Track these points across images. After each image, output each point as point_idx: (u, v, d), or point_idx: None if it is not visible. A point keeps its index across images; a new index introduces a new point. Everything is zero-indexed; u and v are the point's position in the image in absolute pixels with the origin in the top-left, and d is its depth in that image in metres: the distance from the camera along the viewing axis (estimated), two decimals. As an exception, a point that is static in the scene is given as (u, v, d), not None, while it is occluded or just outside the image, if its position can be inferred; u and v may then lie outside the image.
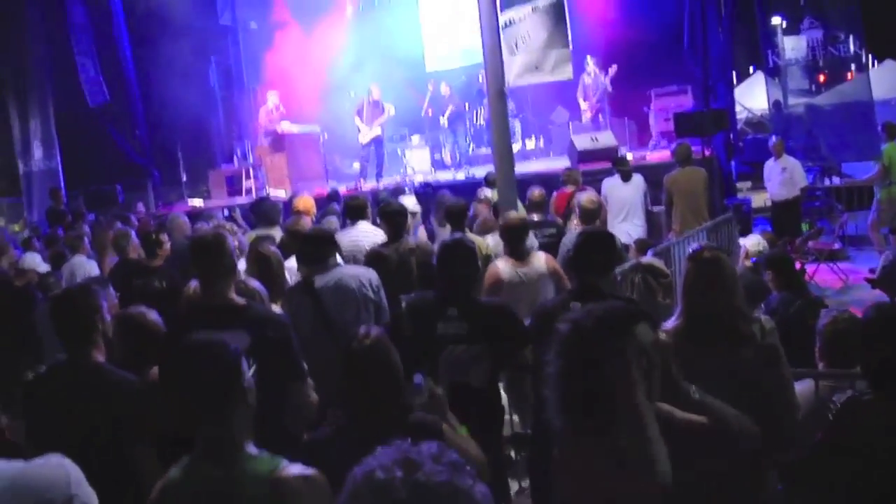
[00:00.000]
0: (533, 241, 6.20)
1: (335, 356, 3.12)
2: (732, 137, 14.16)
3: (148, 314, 3.82)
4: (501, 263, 5.55)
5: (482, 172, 11.54)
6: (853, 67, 15.53)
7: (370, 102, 15.12)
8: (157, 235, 6.56)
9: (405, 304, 4.46)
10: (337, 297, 4.62)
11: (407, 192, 11.53)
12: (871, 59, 20.65)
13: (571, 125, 15.90)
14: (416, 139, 17.48)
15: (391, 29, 17.69)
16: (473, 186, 11.02)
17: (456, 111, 16.33)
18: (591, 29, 16.20)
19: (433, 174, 15.72)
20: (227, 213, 12.84)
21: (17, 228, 16.28)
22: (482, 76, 13.08)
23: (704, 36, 13.39)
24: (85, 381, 3.37)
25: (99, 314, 3.50)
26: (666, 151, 12.97)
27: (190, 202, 15.93)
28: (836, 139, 13.97)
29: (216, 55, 18.64)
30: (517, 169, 8.78)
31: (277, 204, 8.60)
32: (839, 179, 14.08)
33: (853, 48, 14.72)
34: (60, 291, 4.33)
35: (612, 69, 15.04)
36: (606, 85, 15.20)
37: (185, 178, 16.91)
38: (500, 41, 7.24)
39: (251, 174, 16.28)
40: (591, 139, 13.64)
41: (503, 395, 4.73)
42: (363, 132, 15.17)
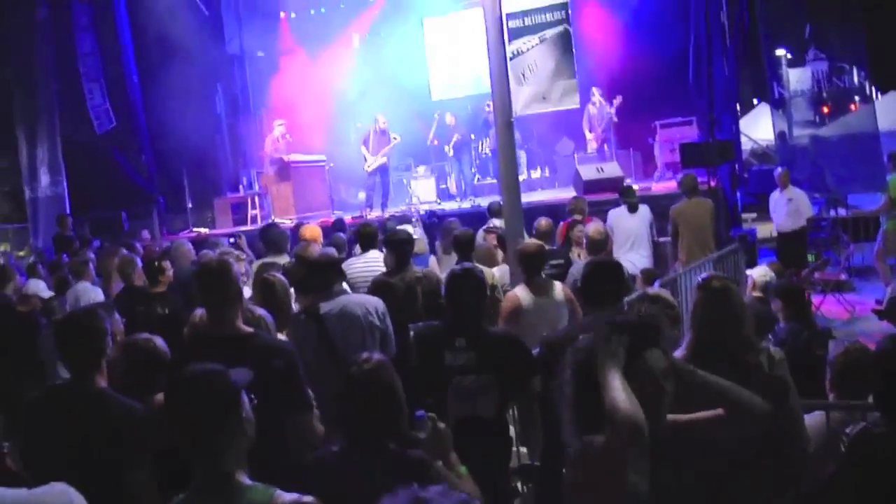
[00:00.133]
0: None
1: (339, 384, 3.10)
2: (738, 168, 14.14)
3: (154, 341, 3.79)
4: (521, 291, 5.56)
5: (487, 202, 11.54)
6: (857, 99, 15.60)
7: (377, 131, 15.13)
8: (159, 262, 6.61)
9: (413, 333, 4.41)
10: (342, 324, 4.60)
11: (414, 221, 11.51)
12: (875, 90, 20.74)
13: (577, 156, 15.90)
14: (421, 169, 17.48)
15: (397, 58, 17.73)
16: (479, 216, 10.99)
17: (461, 141, 16.34)
18: (596, 60, 16.33)
19: (439, 204, 15.68)
20: (232, 239, 12.84)
21: (22, 254, 16.29)
22: (488, 106, 13.12)
23: (710, 68, 13.40)
24: (87, 405, 3.34)
25: (104, 338, 3.48)
26: (671, 182, 12.95)
27: (195, 230, 15.92)
28: (841, 170, 13.98)
29: (223, 83, 18.74)
30: (522, 199, 8.76)
31: (286, 231, 8.45)
32: (845, 210, 14.07)
33: (858, 80, 14.80)
34: (66, 315, 4.31)
35: (617, 100, 15.06)
36: (612, 115, 15.20)
37: (190, 205, 16.87)
38: (507, 71, 7.23)
39: (257, 203, 16.26)
40: (596, 170, 13.59)
41: (511, 427, 4.68)
42: (369, 161, 15.16)
